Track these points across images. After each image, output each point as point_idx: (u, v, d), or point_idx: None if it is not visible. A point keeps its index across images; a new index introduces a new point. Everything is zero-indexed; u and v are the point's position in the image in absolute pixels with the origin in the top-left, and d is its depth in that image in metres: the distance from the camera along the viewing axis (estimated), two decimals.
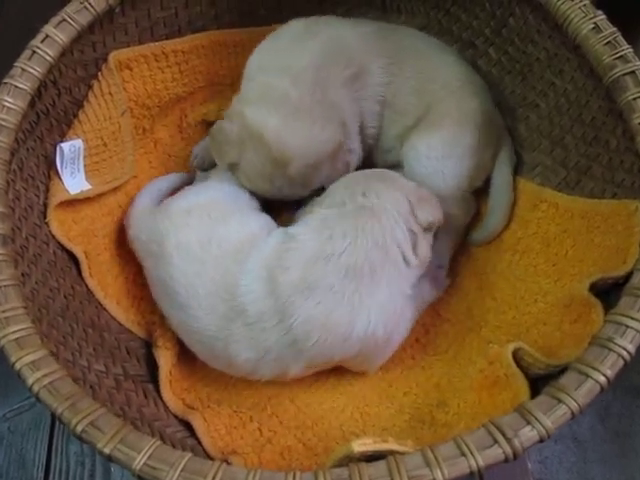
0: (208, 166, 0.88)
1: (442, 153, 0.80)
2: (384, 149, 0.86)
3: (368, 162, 0.87)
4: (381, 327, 0.65)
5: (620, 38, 0.64)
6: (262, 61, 0.81)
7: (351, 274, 0.64)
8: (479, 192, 0.86)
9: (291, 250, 0.66)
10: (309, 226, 0.68)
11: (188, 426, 0.69)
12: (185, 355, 0.75)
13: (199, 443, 0.67)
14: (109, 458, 0.48)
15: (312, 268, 0.64)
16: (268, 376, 0.69)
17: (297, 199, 0.82)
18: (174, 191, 0.83)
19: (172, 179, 0.87)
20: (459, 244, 0.84)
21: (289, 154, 0.75)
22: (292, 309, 0.63)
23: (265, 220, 0.77)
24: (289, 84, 0.76)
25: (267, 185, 0.78)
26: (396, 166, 0.84)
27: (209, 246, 0.69)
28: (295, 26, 0.82)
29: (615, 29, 0.65)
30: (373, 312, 0.64)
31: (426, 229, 0.69)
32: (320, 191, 0.78)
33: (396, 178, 0.73)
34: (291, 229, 0.70)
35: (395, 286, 0.66)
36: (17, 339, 0.53)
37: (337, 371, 0.74)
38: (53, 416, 0.51)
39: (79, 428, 0.49)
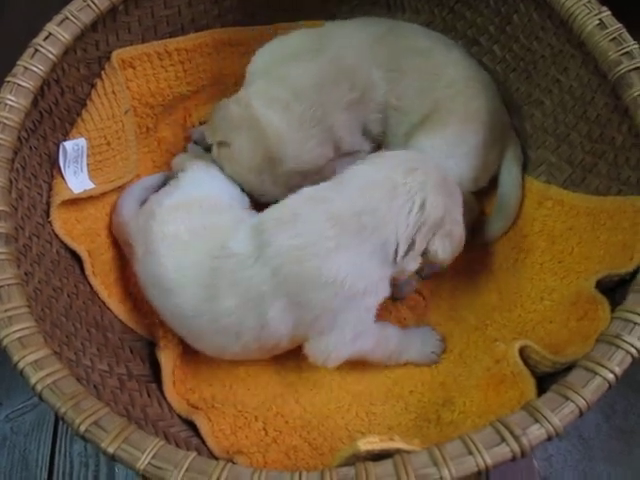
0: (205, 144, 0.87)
1: (446, 152, 0.80)
2: (392, 147, 0.86)
3: None
4: (349, 282, 0.63)
5: (625, 34, 0.64)
6: (267, 65, 0.82)
7: (335, 221, 0.63)
8: (485, 191, 0.85)
9: (290, 198, 0.68)
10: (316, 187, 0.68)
11: (192, 426, 0.69)
12: (189, 356, 0.75)
13: (203, 443, 0.67)
14: (113, 458, 0.47)
15: (301, 204, 0.65)
16: (251, 332, 0.67)
17: (273, 200, 0.81)
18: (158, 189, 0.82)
19: (156, 178, 0.86)
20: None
21: (283, 156, 0.76)
22: (270, 238, 0.64)
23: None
24: (292, 98, 0.78)
25: (251, 175, 0.79)
26: None
27: (201, 231, 0.69)
28: (294, 37, 0.83)
29: (620, 25, 0.64)
30: (345, 266, 0.62)
31: (426, 257, 0.67)
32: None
33: (458, 202, 0.69)
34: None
35: (376, 259, 0.64)
36: (20, 338, 0.53)
37: (342, 370, 0.73)
38: (56, 416, 0.51)
39: (82, 428, 0.48)
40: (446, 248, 0.66)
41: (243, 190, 0.80)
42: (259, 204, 0.79)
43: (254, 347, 0.68)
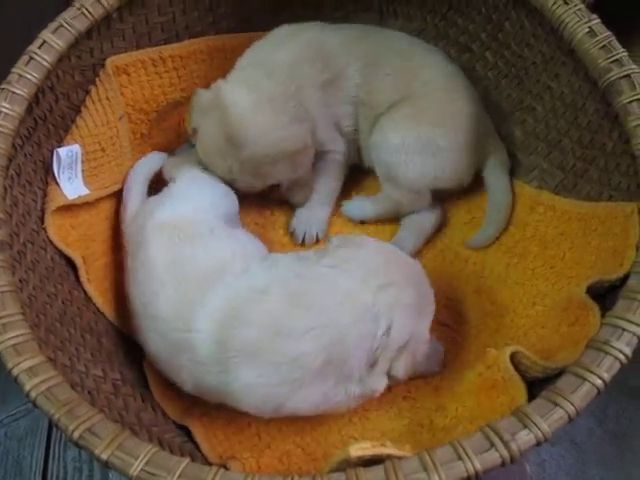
0: None
1: (414, 149, 0.80)
2: (366, 147, 0.87)
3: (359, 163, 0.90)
4: (313, 410, 0.62)
5: (615, 42, 0.65)
6: (247, 58, 0.83)
7: (301, 361, 0.59)
8: (475, 195, 0.86)
9: (258, 304, 0.62)
10: (294, 285, 0.63)
11: (187, 431, 0.69)
12: None
13: (198, 449, 0.67)
14: (106, 464, 0.48)
15: (267, 337, 0.60)
16: (213, 402, 0.67)
17: (254, 191, 0.81)
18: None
19: (154, 160, 0.86)
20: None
21: (244, 137, 0.75)
22: (234, 370, 0.61)
23: (242, 246, 0.72)
24: (263, 75, 0.78)
25: (219, 160, 0.78)
26: None
27: (173, 268, 0.67)
28: (281, 29, 0.84)
29: (610, 33, 0.65)
30: (310, 398, 0.61)
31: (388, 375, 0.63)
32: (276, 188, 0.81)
33: (429, 315, 0.65)
34: (273, 276, 0.65)
35: (342, 387, 0.61)
36: (14, 345, 0.53)
37: None
38: (50, 422, 0.51)
39: (76, 434, 0.49)
40: (408, 368, 0.63)
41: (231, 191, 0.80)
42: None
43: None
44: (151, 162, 0.85)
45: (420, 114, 0.81)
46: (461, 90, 0.84)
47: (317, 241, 0.87)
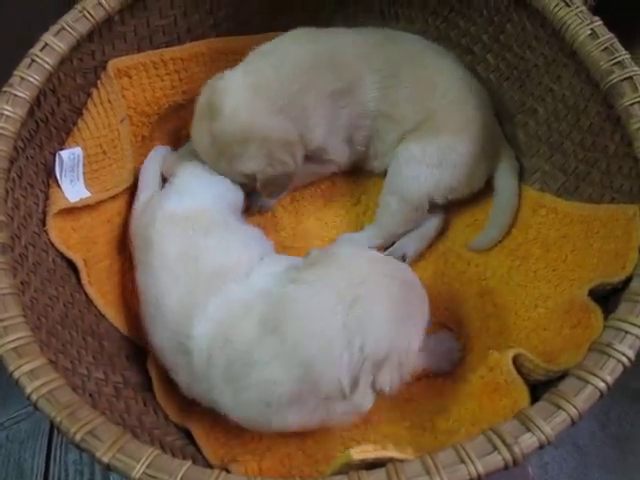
0: None
1: (435, 161, 0.80)
2: (380, 153, 0.86)
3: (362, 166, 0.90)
4: (300, 426, 0.63)
5: (617, 44, 0.64)
6: (257, 52, 0.81)
7: (275, 386, 0.59)
8: (478, 197, 0.86)
9: (238, 325, 0.62)
10: (272, 302, 0.62)
11: (188, 434, 0.69)
12: None
13: (199, 451, 0.67)
14: (108, 467, 0.48)
15: (243, 364, 0.60)
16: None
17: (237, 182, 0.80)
18: None
19: (160, 155, 0.87)
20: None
21: (221, 108, 0.74)
22: (216, 387, 0.62)
23: (249, 244, 0.72)
24: (268, 65, 0.76)
25: (197, 125, 0.77)
26: None
27: (186, 261, 0.68)
28: (297, 31, 0.82)
29: (612, 35, 0.65)
30: (291, 417, 0.61)
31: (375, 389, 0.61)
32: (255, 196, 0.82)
33: (411, 320, 0.62)
34: (263, 295, 0.63)
35: (322, 410, 0.61)
36: (16, 348, 0.53)
37: None
38: (52, 424, 0.51)
39: (78, 437, 0.49)
40: (394, 380, 0.60)
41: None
42: None
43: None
44: (160, 155, 0.86)
45: (440, 125, 0.81)
46: (476, 97, 0.83)
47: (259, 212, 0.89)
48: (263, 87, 0.75)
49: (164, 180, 0.84)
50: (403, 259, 0.83)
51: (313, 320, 0.59)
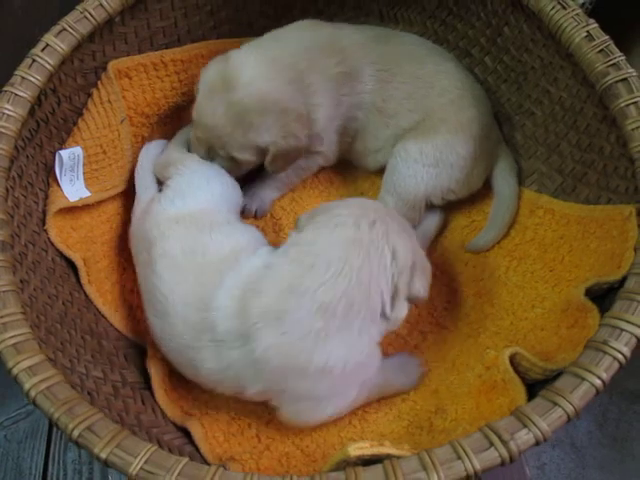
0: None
1: (432, 160, 0.81)
2: (372, 149, 0.87)
3: (351, 162, 0.91)
4: (340, 366, 0.62)
5: (612, 46, 0.65)
6: (265, 36, 0.82)
7: (323, 311, 0.60)
8: (476, 198, 0.86)
9: (269, 276, 0.64)
10: (293, 251, 0.65)
11: (186, 433, 0.69)
12: None
13: (197, 450, 0.67)
14: (105, 463, 0.48)
15: (285, 298, 0.61)
16: (228, 391, 0.68)
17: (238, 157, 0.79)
18: None
19: (156, 148, 0.87)
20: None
21: (238, 79, 0.75)
22: (257, 334, 0.61)
23: (253, 234, 0.76)
24: (276, 45, 0.79)
25: (206, 103, 0.77)
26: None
27: (193, 255, 0.69)
28: (302, 21, 0.84)
29: (607, 37, 0.66)
30: (335, 351, 0.61)
31: (410, 299, 0.65)
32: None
33: (414, 235, 0.69)
34: (276, 254, 0.67)
35: (365, 333, 0.63)
36: (15, 344, 0.53)
37: None
38: (50, 424, 0.51)
39: (75, 433, 0.49)
40: (424, 285, 0.65)
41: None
42: None
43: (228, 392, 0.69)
44: (153, 151, 0.86)
45: (438, 124, 0.81)
46: (475, 98, 0.84)
47: (255, 216, 0.89)
48: (276, 60, 0.77)
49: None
50: None
51: (345, 244, 0.62)
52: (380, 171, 0.87)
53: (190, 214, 0.73)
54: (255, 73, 0.75)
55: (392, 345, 0.78)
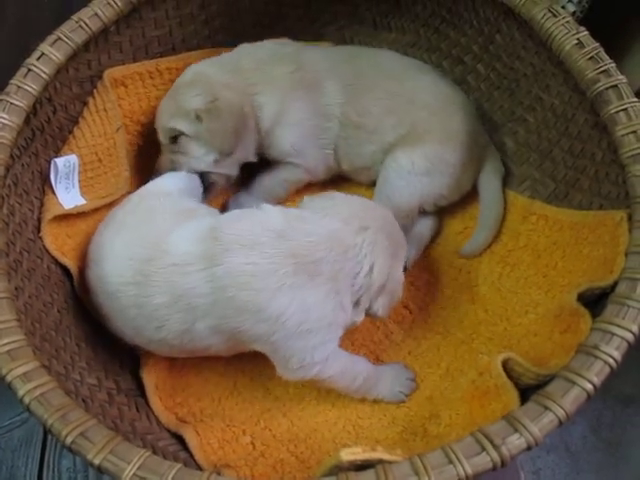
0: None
1: (424, 169, 0.81)
2: (361, 167, 0.87)
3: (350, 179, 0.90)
4: (295, 320, 0.60)
5: (603, 53, 0.66)
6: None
7: (295, 259, 0.60)
8: (469, 205, 0.87)
9: (251, 213, 0.65)
10: (284, 210, 0.66)
11: (181, 440, 0.69)
12: (178, 370, 0.75)
13: (192, 457, 0.67)
14: (99, 469, 0.48)
15: (262, 233, 0.61)
16: (173, 332, 0.64)
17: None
18: None
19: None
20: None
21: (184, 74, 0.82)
22: (224, 255, 0.60)
23: (213, 210, 0.77)
24: (233, 53, 0.85)
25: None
26: None
27: (139, 215, 0.71)
28: (275, 39, 0.87)
29: (598, 44, 0.66)
30: (295, 304, 0.60)
31: (367, 313, 0.67)
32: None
33: (402, 260, 0.70)
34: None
35: (330, 304, 0.62)
36: (9, 351, 0.53)
37: None
38: (45, 432, 0.51)
39: (69, 439, 0.49)
40: (386, 307, 0.67)
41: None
42: None
43: (176, 345, 0.66)
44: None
45: (425, 135, 0.82)
46: (458, 106, 0.85)
47: None
48: (224, 59, 0.83)
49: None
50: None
51: (330, 235, 0.62)
52: (374, 183, 0.87)
53: (148, 189, 0.77)
54: (198, 65, 0.82)
55: (386, 352, 0.79)
